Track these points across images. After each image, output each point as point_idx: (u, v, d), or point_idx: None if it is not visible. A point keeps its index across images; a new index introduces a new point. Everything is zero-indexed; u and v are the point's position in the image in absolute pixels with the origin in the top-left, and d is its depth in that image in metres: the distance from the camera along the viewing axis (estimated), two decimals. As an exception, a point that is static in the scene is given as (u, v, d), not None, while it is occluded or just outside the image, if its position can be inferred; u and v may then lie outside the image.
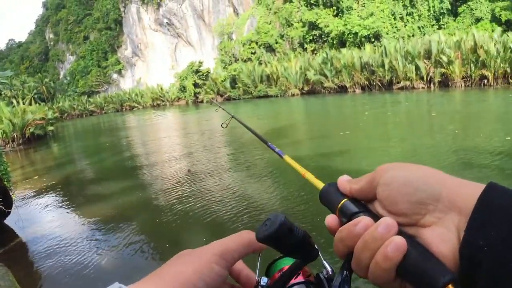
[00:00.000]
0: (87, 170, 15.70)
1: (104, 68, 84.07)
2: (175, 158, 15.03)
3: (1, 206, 7.99)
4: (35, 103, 62.71)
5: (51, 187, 12.45)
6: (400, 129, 16.26)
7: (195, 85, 54.66)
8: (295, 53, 47.76)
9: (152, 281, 0.52)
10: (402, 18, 41.45)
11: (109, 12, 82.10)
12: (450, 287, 0.42)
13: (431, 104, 24.13)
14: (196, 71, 54.37)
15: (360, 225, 0.50)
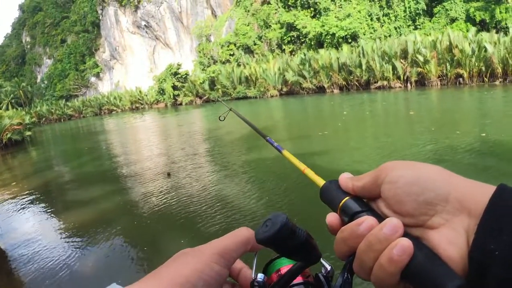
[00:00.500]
0: (66, 175, 15.36)
1: (82, 71, 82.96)
2: (154, 161, 14.83)
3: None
4: (12, 108, 61.78)
5: (30, 193, 12.16)
6: (378, 128, 16.19)
7: (174, 87, 54.20)
8: (274, 54, 47.77)
9: (151, 281, 0.49)
10: (378, 19, 41.72)
11: (86, 15, 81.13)
12: None
13: (408, 103, 24.28)
14: (175, 74, 53.93)
15: (363, 225, 0.48)
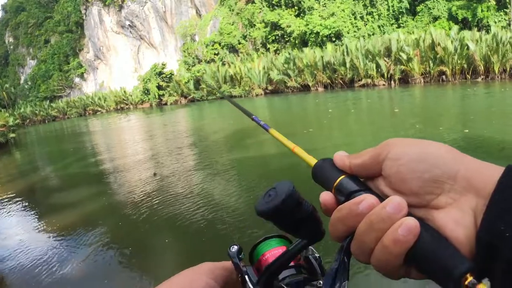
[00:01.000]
0: (51, 177, 15.11)
1: (66, 72, 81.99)
2: (140, 161, 14.63)
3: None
4: (-4, 109, 61.03)
5: (14, 196, 11.90)
6: (363, 125, 16.19)
7: (159, 87, 53.85)
8: (258, 53, 47.74)
9: None
10: (362, 18, 41.84)
11: (70, 15, 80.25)
12: (468, 277, 0.38)
13: (392, 100, 24.40)
14: (160, 73, 53.59)
15: (363, 203, 0.45)
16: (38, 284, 5.78)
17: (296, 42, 44.04)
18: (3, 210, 10.44)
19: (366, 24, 41.65)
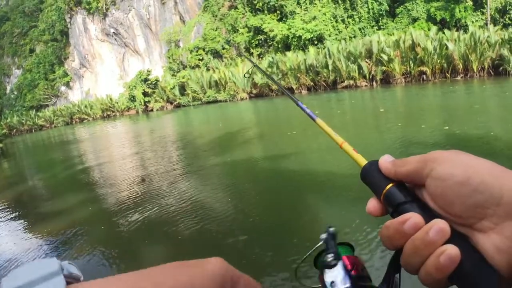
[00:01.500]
0: (40, 186, 15.06)
1: (52, 80, 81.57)
2: (128, 168, 14.62)
3: None
4: (-18, 120, 60.66)
5: (2, 206, 11.83)
6: (348, 125, 16.40)
7: (145, 94, 53.75)
8: (242, 58, 48.00)
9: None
10: (343, 21, 42.20)
11: (54, 24, 79.92)
12: None
13: (375, 100, 24.77)
14: (145, 80, 53.55)
15: (408, 223, 0.46)
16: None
17: (279, 46, 44.29)
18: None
19: (347, 27, 42.02)
